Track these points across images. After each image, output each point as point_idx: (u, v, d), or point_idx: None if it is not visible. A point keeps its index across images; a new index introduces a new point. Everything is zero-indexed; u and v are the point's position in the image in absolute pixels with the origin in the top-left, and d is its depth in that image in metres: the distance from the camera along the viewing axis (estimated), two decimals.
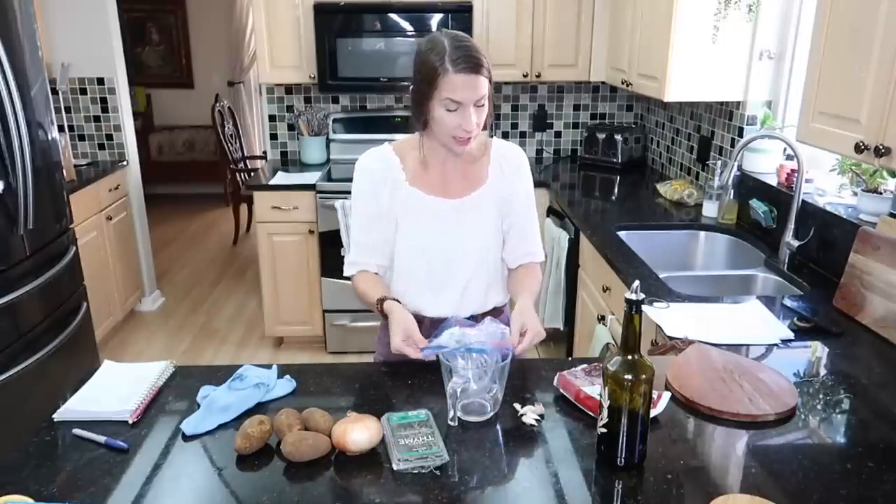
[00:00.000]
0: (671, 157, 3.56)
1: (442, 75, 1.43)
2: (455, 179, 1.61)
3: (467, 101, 1.44)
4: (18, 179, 2.44)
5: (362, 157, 1.64)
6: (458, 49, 1.44)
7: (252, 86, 6.92)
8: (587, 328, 2.66)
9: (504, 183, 1.63)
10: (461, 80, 1.42)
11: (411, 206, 1.58)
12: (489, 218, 1.62)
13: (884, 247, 1.77)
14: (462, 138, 1.49)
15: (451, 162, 1.61)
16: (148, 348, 3.91)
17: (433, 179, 1.60)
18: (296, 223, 3.51)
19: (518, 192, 1.65)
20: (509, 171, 1.64)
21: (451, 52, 1.43)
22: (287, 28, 3.55)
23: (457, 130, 1.47)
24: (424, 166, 1.60)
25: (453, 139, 1.50)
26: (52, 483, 1.13)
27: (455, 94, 1.43)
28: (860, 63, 1.60)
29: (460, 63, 1.42)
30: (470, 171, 1.62)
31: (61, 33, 3.81)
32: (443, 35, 1.48)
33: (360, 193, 1.62)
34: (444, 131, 1.49)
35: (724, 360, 1.50)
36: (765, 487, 1.12)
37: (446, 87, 1.43)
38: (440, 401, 1.34)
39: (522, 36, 3.57)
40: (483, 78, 1.45)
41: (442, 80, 1.43)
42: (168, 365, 1.48)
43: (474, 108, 1.46)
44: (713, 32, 2.63)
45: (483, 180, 1.62)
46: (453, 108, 1.45)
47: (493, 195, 1.62)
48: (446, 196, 1.60)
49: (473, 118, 1.46)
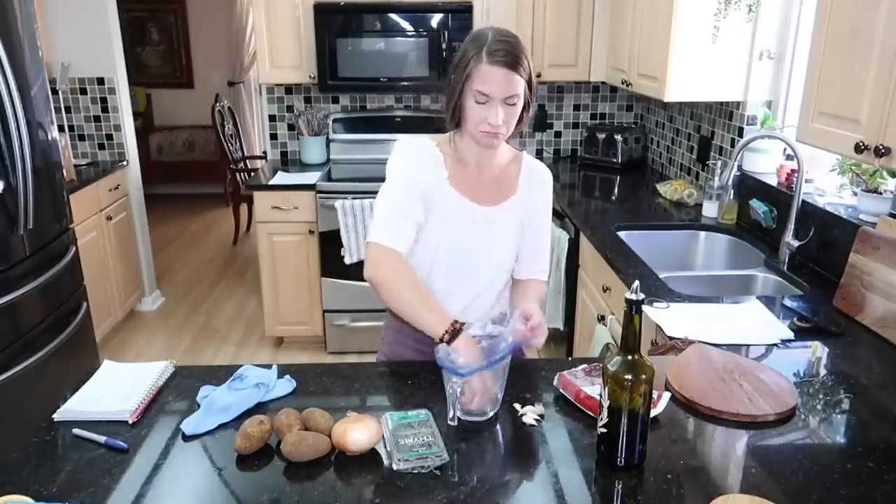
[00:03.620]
0: (671, 157, 3.56)
1: (476, 65, 1.41)
2: (489, 187, 1.58)
3: (496, 95, 1.41)
4: (18, 179, 2.44)
5: (409, 141, 1.57)
6: (498, 42, 1.41)
7: (252, 86, 6.92)
8: (587, 328, 2.66)
9: (531, 197, 1.62)
10: (494, 72, 1.40)
11: (446, 205, 1.55)
12: (513, 230, 1.61)
13: (884, 247, 1.77)
14: (488, 132, 1.45)
15: (484, 167, 1.58)
16: (148, 348, 3.91)
17: (470, 184, 1.57)
18: (296, 223, 3.51)
19: (540, 209, 1.65)
20: (537, 186, 1.63)
21: (490, 43, 1.41)
22: (287, 28, 3.55)
23: (483, 125, 1.44)
24: (461, 167, 1.57)
25: (482, 133, 1.46)
26: (52, 483, 1.13)
27: (485, 87, 1.41)
28: (860, 63, 1.60)
29: (496, 56, 1.40)
30: (503, 180, 1.60)
31: (61, 33, 3.81)
32: (489, 29, 1.46)
33: (403, 172, 1.53)
34: (473, 126, 1.46)
35: (724, 360, 1.50)
36: (765, 487, 1.12)
37: (478, 77, 1.41)
38: (440, 401, 1.34)
39: (522, 36, 3.47)
40: (517, 77, 1.41)
41: (475, 70, 1.41)
42: (168, 365, 1.48)
43: (504, 105, 1.43)
44: (713, 32, 2.63)
45: (514, 191, 1.60)
46: (482, 100, 1.42)
47: (520, 207, 1.61)
48: (480, 203, 1.57)
49: (501, 114, 1.43)
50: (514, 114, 1.46)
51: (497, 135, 1.47)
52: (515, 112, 1.46)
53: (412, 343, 1.61)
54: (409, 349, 1.64)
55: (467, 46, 1.45)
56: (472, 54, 1.42)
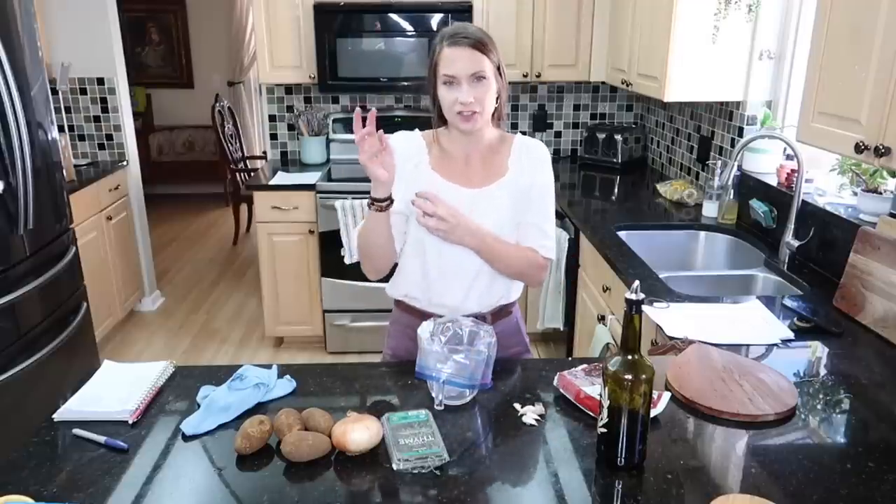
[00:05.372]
0: (671, 157, 3.56)
1: (440, 52, 1.51)
2: (476, 170, 1.62)
3: (461, 74, 1.48)
4: (18, 179, 2.44)
5: (391, 136, 1.61)
6: (458, 28, 1.53)
7: (252, 86, 6.92)
8: (587, 328, 2.66)
9: (523, 175, 1.62)
10: (455, 52, 1.48)
11: (430, 189, 1.56)
12: (504, 210, 1.61)
13: (884, 247, 1.77)
14: (462, 113, 1.50)
15: (472, 153, 1.62)
16: (148, 348, 3.91)
17: (455, 168, 1.61)
18: (296, 223, 3.51)
19: (537, 184, 1.63)
20: (529, 163, 1.63)
21: (451, 31, 1.51)
22: (287, 28, 3.55)
23: (455, 105, 1.50)
24: (446, 154, 1.62)
25: (458, 116, 1.51)
26: (52, 483, 1.13)
27: (450, 68, 1.48)
28: (860, 63, 1.59)
29: (456, 38, 1.49)
30: (491, 162, 1.62)
31: (61, 33, 3.81)
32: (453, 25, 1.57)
33: None
34: (448, 111, 1.52)
35: (724, 360, 1.50)
36: (765, 487, 1.12)
37: (443, 62, 1.50)
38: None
39: (522, 36, 3.57)
40: (478, 53, 1.48)
41: (440, 57, 1.50)
42: (168, 365, 1.48)
43: (472, 84, 1.48)
44: (713, 32, 2.63)
45: (503, 172, 1.62)
46: (450, 81, 1.49)
47: (512, 187, 1.61)
48: (465, 185, 1.60)
49: (470, 91, 1.48)
50: (484, 91, 1.50)
51: (472, 114, 1.50)
52: (486, 89, 1.50)
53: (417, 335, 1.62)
54: (414, 342, 1.64)
55: (434, 43, 1.54)
56: (437, 46, 1.52)
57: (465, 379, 1.33)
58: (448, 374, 1.32)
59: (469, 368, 1.33)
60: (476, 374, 1.35)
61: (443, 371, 1.32)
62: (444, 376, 1.32)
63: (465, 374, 1.33)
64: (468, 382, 1.34)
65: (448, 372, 1.32)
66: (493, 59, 1.51)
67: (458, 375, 1.33)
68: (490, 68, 1.50)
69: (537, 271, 1.64)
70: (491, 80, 1.50)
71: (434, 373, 1.33)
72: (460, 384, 1.34)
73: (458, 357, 1.33)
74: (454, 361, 1.33)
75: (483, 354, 1.36)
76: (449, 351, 1.35)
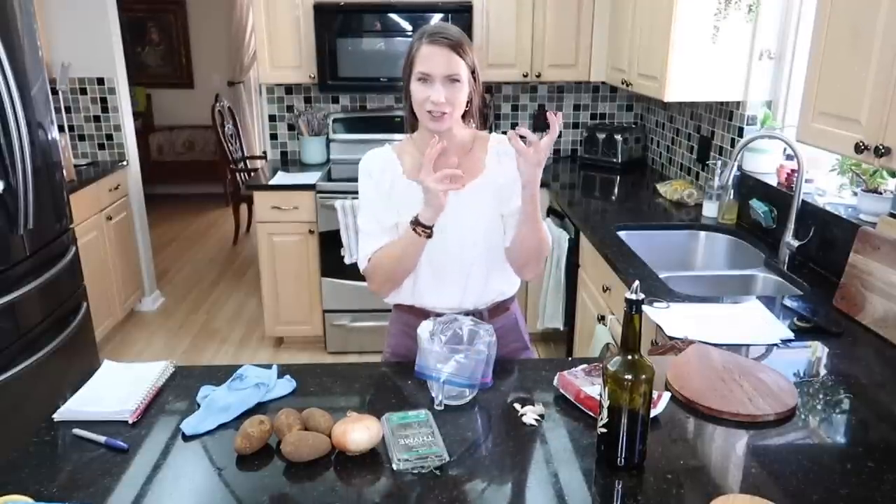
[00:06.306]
0: (671, 157, 3.56)
1: (417, 49, 1.51)
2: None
3: (436, 73, 1.48)
4: (18, 179, 2.44)
5: (365, 156, 1.67)
6: (437, 27, 1.54)
7: (252, 86, 6.92)
8: (587, 328, 2.66)
9: (502, 170, 1.62)
10: (430, 51, 1.49)
11: (409, 198, 1.58)
12: (487, 207, 1.62)
13: (884, 247, 1.77)
14: (433, 113, 1.51)
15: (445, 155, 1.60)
16: (148, 348, 3.91)
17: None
18: (296, 223, 3.51)
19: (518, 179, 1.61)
20: (507, 158, 1.62)
21: (430, 30, 1.52)
22: (287, 28, 3.55)
23: (426, 103, 1.50)
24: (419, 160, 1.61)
25: (427, 115, 1.52)
26: (52, 483, 1.13)
27: (425, 66, 1.49)
28: (860, 63, 1.59)
29: (435, 37, 1.50)
30: (465, 162, 1.62)
31: (61, 33, 3.81)
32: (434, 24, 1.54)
33: (364, 191, 1.65)
34: (418, 108, 1.53)
35: (724, 361, 1.50)
36: (765, 487, 1.12)
37: (419, 59, 1.50)
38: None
39: (522, 36, 3.57)
40: (455, 56, 1.49)
41: (416, 54, 1.51)
42: (168, 365, 1.48)
43: (446, 84, 1.49)
44: (713, 32, 2.63)
45: (480, 171, 1.62)
46: (424, 78, 1.50)
47: (491, 184, 1.61)
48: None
49: (443, 91, 1.49)
50: (456, 93, 1.51)
51: (443, 115, 1.51)
52: (458, 91, 1.51)
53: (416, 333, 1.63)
54: (414, 341, 1.64)
55: (413, 39, 1.55)
56: (415, 42, 1.52)
57: (465, 378, 1.33)
58: (448, 374, 1.32)
59: (469, 368, 1.34)
60: (476, 373, 1.35)
61: (443, 371, 1.32)
62: (444, 376, 1.32)
63: (465, 374, 1.33)
64: (468, 382, 1.34)
65: (448, 372, 1.32)
66: (469, 61, 1.52)
67: (458, 375, 1.33)
68: (465, 71, 1.51)
69: (545, 251, 1.65)
70: (464, 83, 1.52)
71: (434, 372, 1.34)
72: (460, 384, 1.34)
73: (458, 357, 1.33)
74: (454, 361, 1.33)
75: (483, 354, 1.36)
76: (449, 351, 1.35)
